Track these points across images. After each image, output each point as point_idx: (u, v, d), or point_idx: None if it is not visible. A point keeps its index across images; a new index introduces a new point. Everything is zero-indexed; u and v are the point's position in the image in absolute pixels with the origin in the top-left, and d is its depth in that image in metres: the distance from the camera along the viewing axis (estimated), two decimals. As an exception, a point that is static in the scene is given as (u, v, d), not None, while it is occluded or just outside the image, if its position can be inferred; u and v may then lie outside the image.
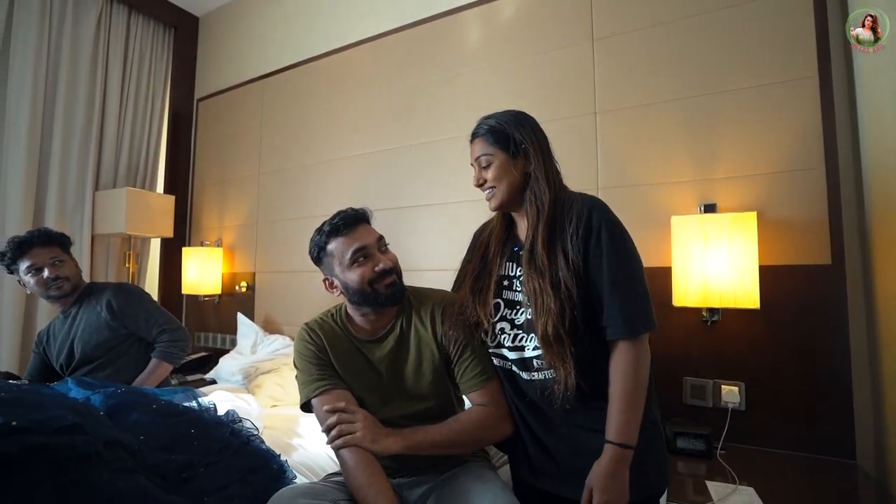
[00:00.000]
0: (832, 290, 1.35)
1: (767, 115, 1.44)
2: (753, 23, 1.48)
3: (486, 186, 0.99)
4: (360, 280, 1.00)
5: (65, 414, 0.62)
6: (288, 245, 2.48)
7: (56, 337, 1.63)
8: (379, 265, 1.02)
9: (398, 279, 1.05)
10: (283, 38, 2.65)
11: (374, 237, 1.06)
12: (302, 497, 0.83)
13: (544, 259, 0.89)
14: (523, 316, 0.95)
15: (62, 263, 1.57)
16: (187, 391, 1.13)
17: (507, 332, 0.97)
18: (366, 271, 1.01)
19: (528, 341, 0.94)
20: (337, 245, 1.02)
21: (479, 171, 1.00)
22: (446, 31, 2.08)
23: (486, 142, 0.99)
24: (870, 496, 1.15)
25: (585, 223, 0.88)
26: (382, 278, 1.01)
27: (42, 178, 2.41)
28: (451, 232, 1.99)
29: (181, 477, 0.79)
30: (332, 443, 0.94)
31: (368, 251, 1.02)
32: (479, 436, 1.00)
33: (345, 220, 1.03)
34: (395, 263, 1.06)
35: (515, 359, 0.96)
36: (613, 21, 1.70)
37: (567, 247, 0.88)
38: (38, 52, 2.35)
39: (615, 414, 0.85)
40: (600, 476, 0.83)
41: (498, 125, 0.99)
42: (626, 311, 0.85)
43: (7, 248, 1.53)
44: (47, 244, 1.56)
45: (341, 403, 0.97)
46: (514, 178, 0.96)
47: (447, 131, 2.03)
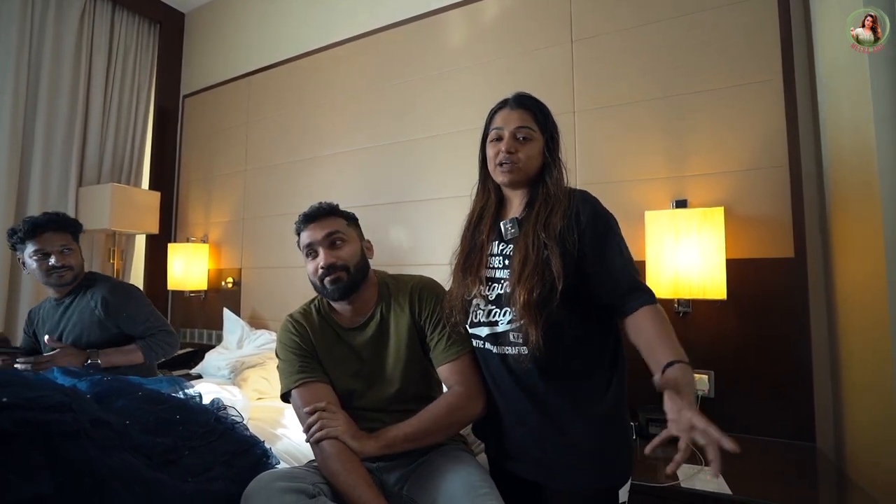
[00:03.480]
0: (795, 282, 1.42)
1: (735, 116, 1.51)
2: (722, 27, 1.54)
3: (512, 159, 0.96)
4: (311, 274, 1.08)
5: (53, 394, 0.65)
6: (274, 241, 2.50)
7: (45, 323, 1.62)
8: (321, 262, 1.07)
9: (345, 275, 1.06)
10: (269, 36, 2.66)
11: (323, 233, 1.08)
12: (281, 480, 0.86)
13: (541, 231, 0.90)
14: (495, 291, 0.96)
15: (70, 252, 1.56)
16: (172, 381, 1.15)
17: (481, 307, 0.98)
18: (312, 268, 1.08)
19: (501, 316, 0.95)
20: (301, 239, 1.11)
21: (512, 142, 0.96)
22: (430, 30, 2.12)
23: (533, 118, 0.98)
24: (828, 476, 1.22)
25: (590, 212, 0.91)
26: (326, 274, 1.05)
27: (24, 174, 2.39)
28: (436, 227, 2.03)
29: (166, 458, 0.82)
30: (311, 438, 0.96)
31: (314, 248, 1.08)
32: (449, 421, 1.01)
33: (304, 217, 1.11)
34: (342, 259, 1.07)
35: (488, 334, 0.97)
36: (592, 23, 1.76)
37: (564, 228, 0.90)
38: (20, 46, 2.34)
39: (669, 343, 0.81)
40: (681, 373, 0.75)
41: (543, 107, 1.01)
42: (642, 284, 0.90)
43: (20, 227, 1.51)
44: (60, 230, 1.54)
45: (322, 402, 1.00)
46: (541, 162, 0.98)
47: (431, 129, 2.07)
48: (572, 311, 0.90)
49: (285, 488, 0.82)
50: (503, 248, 0.98)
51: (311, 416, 0.98)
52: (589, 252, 0.90)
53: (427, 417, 1.00)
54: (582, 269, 0.90)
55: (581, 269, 0.90)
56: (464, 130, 1.98)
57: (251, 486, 0.83)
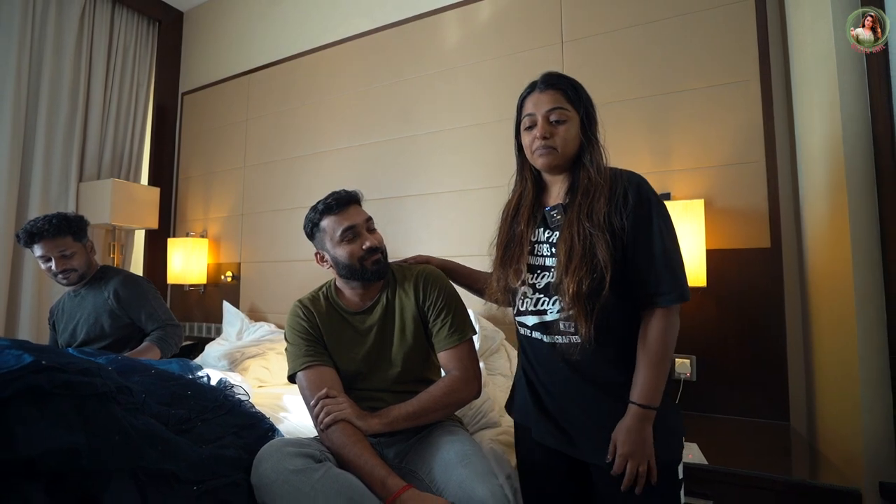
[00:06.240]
0: (771, 271, 1.50)
1: (716, 113, 1.59)
2: (704, 30, 1.63)
3: (548, 144, 0.93)
4: (350, 256, 1.11)
5: (82, 361, 0.71)
6: (272, 236, 2.55)
7: (64, 313, 1.68)
8: (366, 243, 1.12)
9: (383, 257, 1.15)
10: (267, 35, 2.72)
11: (363, 217, 1.16)
12: (290, 446, 0.92)
13: (585, 220, 0.87)
14: (545, 280, 0.94)
15: (71, 255, 1.60)
16: (182, 363, 1.21)
17: (529, 296, 0.96)
18: (355, 248, 1.11)
19: (549, 304, 0.93)
20: (329, 223, 1.13)
21: (546, 126, 0.93)
22: (426, 31, 2.19)
23: (566, 97, 0.94)
24: (800, 449, 1.30)
25: (635, 194, 0.88)
26: (369, 255, 1.12)
27: (26, 169, 2.43)
28: (430, 221, 2.10)
29: (180, 428, 0.88)
30: (321, 425, 0.99)
31: (357, 230, 1.13)
32: (447, 401, 1.08)
33: (337, 201, 1.14)
34: (381, 243, 1.16)
35: (536, 323, 0.96)
36: (581, 25, 1.84)
37: (611, 212, 0.87)
38: (22, 44, 2.37)
39: (643, 376, 0.86)
40: (623, 431, 0.85)
41: (575, 83, 0.96)
42: (677, 280, 0.87)
43: (21, 234, 1.57)
44: (57, 235, 1.57)
45: (324, 389, 1.05)
46: (579, 143, 0.94)
47: (427, 126, 2.14)
48: (625, 297, 0.89)
49: (295, 452, 0.88)
50: (549, 235, 0.95)
51: (316, 406, 1.02)
52: (629, 238, 0.87)
53: (427, 398, 1.07)
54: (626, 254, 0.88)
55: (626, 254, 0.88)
56: (458, 128, 2.05)
57: (263, 450, 0.89)
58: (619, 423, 0.87)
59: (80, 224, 1.65)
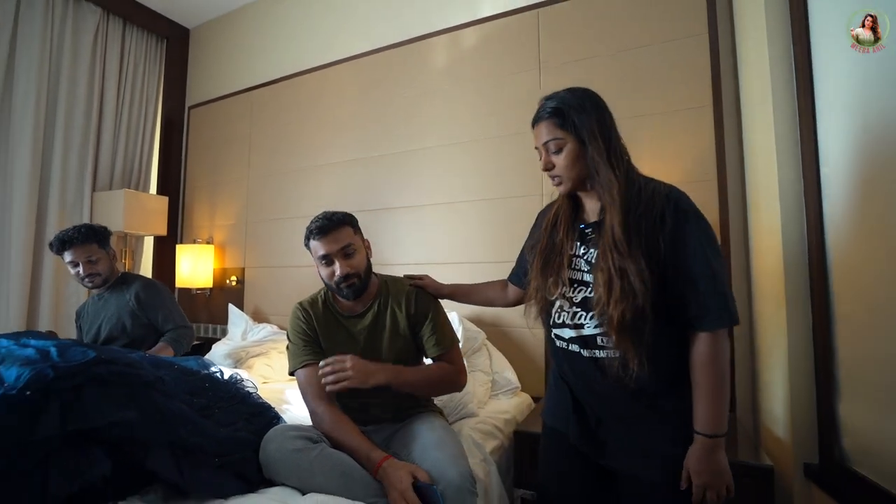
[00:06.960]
0: (722, 278, 1.67)
1: (673, 136, 1.77)
2: (663, 61, 1.81)
3: (554, 173, 0.95)
4: (327, 278, 1.27)
5: (126, 357, 0.88)
6: (275, 242, 2.73)
7: (89, 315, 1.86)
8: (337, 272, 1.22)
9: (359, 280, 1.25)
10: (270, 54, 2.90)
11: (340, 245, 1.22)
12: (291, 430, 1.09)
13: (623, 243, 0.85)
14: (581, 294, 0.94)
15: (97, 261, 1.79)
16: (198, 360, 1.38)
17: (566, 309, 0.96)
18: (328, 274, 1.25)
19: (586, 319, 0.93)
20: (313, 245, 1.26)
21: (548, 156, 0.95)
22: (417, 54, 2.37)
23: (554, 125, 0.94)
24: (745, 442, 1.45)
25: (674, 211, 0.86)
26: (343, 281, 1.25)
27: (45, 179, 2.61)
28: (420, 231, 2.28)
29: (202, 414, 1.05)
30: (330, 388, 1.11)
31: (330, 259, 1.23)
32: (441, 383, 1.27)
33: (319, 227, 1.23)
34: (355, 267, 1.24)
35: (574, 336, 0.96)
36: (557, 54, 2.02)
37: (648, 232, 0.85)
38: (41, 63, 2.55)
39: (702, 406, 0.84)
40: (694, 461, 0.84)
41: (561, 107, 0.94)
42: (722, 302, 0.83)
43: (54, 242, 1.76)
44: (86, 242, 1.76)
45: (330, 359, 1.14)
46: (585, 165, 0.92)
47: (417, 142, 2.32)
48: (673, 322, 0.87)
49: (296, 435, 1.06)
50: (585, 251, 0.95)
51: (325, 367, 1.12)
52: (668, 260, 0.85)
53: (427, 373, 1.26)
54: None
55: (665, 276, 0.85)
56: (446, 145, 2.24)
57: (269, 434, 1.07)
58: (690, 452, 0.86)
59: (104, 233, 1.84)
